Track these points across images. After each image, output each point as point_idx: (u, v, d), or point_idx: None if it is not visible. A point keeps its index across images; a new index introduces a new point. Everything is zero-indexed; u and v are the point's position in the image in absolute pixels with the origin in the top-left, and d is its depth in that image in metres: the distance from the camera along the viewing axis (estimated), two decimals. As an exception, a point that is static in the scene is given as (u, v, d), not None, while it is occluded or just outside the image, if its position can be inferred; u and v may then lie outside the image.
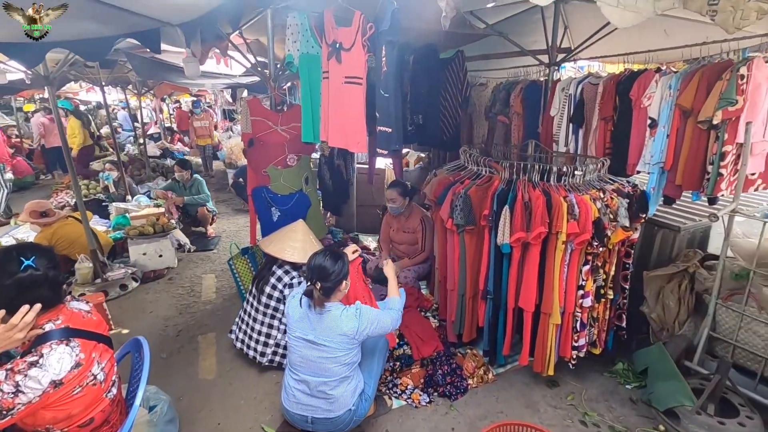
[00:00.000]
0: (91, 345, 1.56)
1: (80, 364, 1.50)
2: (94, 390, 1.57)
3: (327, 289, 2.05)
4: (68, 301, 1.67)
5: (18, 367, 1.40)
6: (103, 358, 1.61)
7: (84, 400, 1.54)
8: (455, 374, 2.75)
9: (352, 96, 2.32)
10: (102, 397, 1.61)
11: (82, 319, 1.61)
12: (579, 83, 3.30)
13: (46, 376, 1.41)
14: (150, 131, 11.65)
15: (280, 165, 3.40)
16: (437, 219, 3.04)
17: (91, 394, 1.56)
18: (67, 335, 1.50)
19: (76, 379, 1.49)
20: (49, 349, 1.45)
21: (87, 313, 1.68)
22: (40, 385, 1.40)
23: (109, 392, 1.65)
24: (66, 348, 1.48)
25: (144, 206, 5.47)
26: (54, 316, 1.54)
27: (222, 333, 3.32)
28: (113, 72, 6.09)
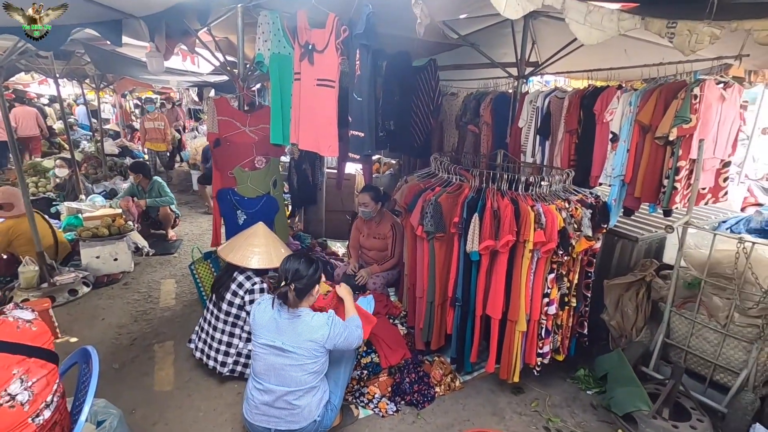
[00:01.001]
0: (13, 360, 1.39)
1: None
2: (12, 413, 1.37)
3: (300, 291, 2.01)
4: (9, 309, 1.52)
5: None
6: (32, 375, 1.44)
7: None
8: (422, 382, 2.73)
9: (324, 99, 2.28)
10: (26, 422, 1.41)
11: (14, 330, 1.45)
12: (546, 96, 3.41)
13: None
14: (107, 127, 11.10)
15: (247, 167, 3.30)
16: (407, 226, 3.04)
17: (7, 418, 1.36)
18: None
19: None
20: None
21: (26, 322, 1.52)
22: None
23: (37, 417, 1.44)
24: None
25: (99, 206, 5.17)
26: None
27: (181, 342, 3.16)
28: (69, 64, 5.75)
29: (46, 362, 1.51)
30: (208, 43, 3.60)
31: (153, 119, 8.09)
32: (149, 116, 8.15)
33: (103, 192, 6.31)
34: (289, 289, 1.99)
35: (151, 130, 8.04)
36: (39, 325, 1.56)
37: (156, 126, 8.02)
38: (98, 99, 8.37)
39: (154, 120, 8.09)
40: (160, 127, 8.05)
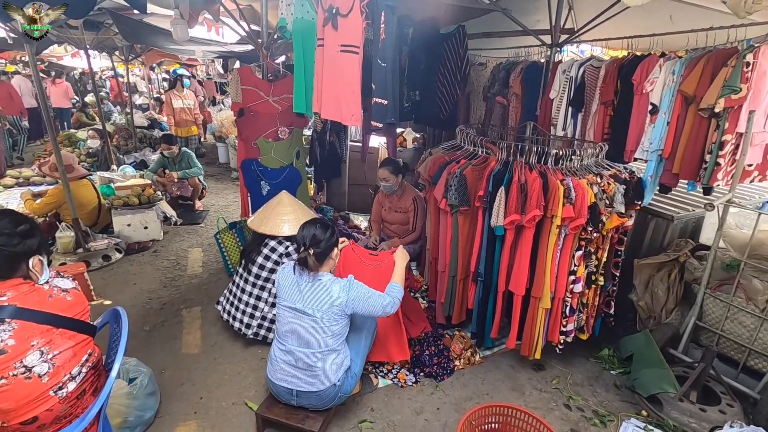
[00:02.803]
0: (36, 330, 1.38)
1: (4, 351, 1.31)
2: (28, 385, 1.36)
3: (319, 255, 2.03)
4: (51, 276, 1.52)
5: None
6: (55, 347, 1.42)
7: (13, 396, 1.34)
8: (442, 355, 2.74)
9: (348, 65, 2.21)
10: (46, 395, 1.41)
11: (46, 299, 1.43)
12: (581, 65, 3.22)
13: None
14: (138, 102, 11.32)
15: (270, 137, 3.29)
16: (431, 199, 2.98)
17: (22, 390, 1.36)
18: (6, 315, 1.33)
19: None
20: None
21: (62, 291, 1.50)
22: None
23: (60, 389, 1.44)
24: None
25: (129, 176, 5.32)
26: (0, 291, 1.37)
27: (207, 307, 3.26)
28: (98, 35, 5.82)
29: (76, 333, 1.49)
30: (233, 11, 3.55)
31: (181, 96, 7.06)
32: (176, 92, 7.09)
33: (133, 162, 6.48)
34: (308, 254, 2.01)
35: (180, 111, 6.97)
36: (75, 296, 1.54)
37: (185, 105, 6.98)
38: (127, 71, 8.50)
39: (183, 97, 7.04)
40: (190, 106, 7.04)
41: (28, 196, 4.30)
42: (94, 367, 1.60)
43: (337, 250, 2.12)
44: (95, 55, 8.39)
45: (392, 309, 2.16)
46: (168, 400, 2.37)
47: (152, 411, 2.22)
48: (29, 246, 1.43)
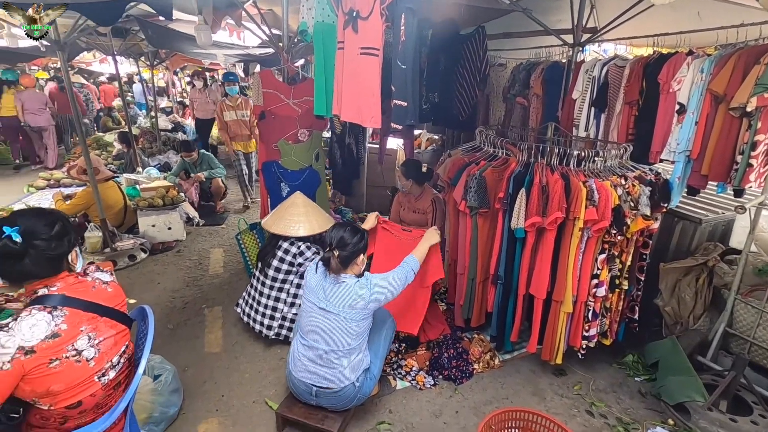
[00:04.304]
0: (84, 317, 1.45)
1: (58, 335, 1.37)
2: (78, 368, 1.43)
3: (344, 258, 2.03)
4: (91, 270, 1.59)
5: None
6: (100, 334, 1.49)
7: (64, 378, 1.40)
8: (461, 358, 2.72)
9: (368, 67, 2.22)
10: (92, 379, 1.47)
11: (89, 290, 1.51)
12: (604, 65, 3.16)
13: (11, 340, 1.30)
14: (162, 105, 11.61)
15: (291, 140, 3.33)
16: (450, 201, 2.97)
17: (73, 373, 1.42)
18: (56, 303, 1.40)
19: (50, 351, 1.36)
20: (27, 314, 1.35)
21: (103, 283, 1.57)
22: (5, 349, 1.29)
23: (103, 376, 1.50)
24: (46, 316, 1.37)
25: (154, 178, 5.46)
26: (51, 283, 1.44)
27: (228, 307, 3.32)
28: (126, 41, 6.01)
29: (117, 323, 1.56)
30: (254, 15, 3.61)
31: (234, 107, 5.41)
32: (228, 102, 5.44)
33: (157, 165, 6.65)
34: (332, 255, 2.01)
35: (234, 123, 5.42)
36: (114, 288, 1.62)
37: (240, 117, 5.43)
38: (152, 76, 8.73)
39: (236, 108, 5.40)
40: (245, 118, 5.46)
41: (59, 197, 4.47)
42: (129, 360, 1.65)
43: (363, 256, 2.12)
44: (122, 60, 8.65)
45: (408, 278, 2.22)
46: (191, 398, 2.42)
47: (176, 407, 2.27)
48: (66, 245, 1.49)
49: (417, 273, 2.33)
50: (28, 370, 1.32)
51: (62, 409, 1.44)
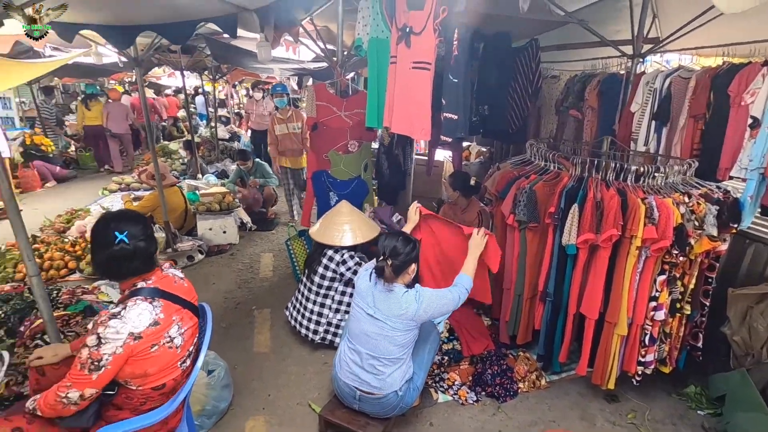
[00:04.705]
0: (174, 308, 1.63)
1: (158, 323, 1.56)
2: (170, 353, 1.62)
3: (397, 267, 2.06)
4: (166, 267, 1.76)
5: (100, 318, 1.51)
6: (184, 324, 1.67)
7: (159, 361, 1.59)
8: (505, 376, 2.65)
9: (420, 81, 2.27)
10: (176, 366, 1.66)
11: (173, 284, 1.69)
12: (667, 76, 3.01)
13: (124, 327, 1.49)
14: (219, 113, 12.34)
15: (341, 150, 3.44)
16: (497, 214, 2.93)
17: (166, 357, 1.61)
18: (153, 294, 1.59)
19: (153, 336, 1.55)
20: (133, 303, 1.54)
21: (180, 279, 1.76)
22: (119, 335, 1.48)
23: (183, 362, 1.69)
24: (148, 306, 1.56)
25: (212, 185, 5.81)
26: (147, 277, 1.64)
27: (277, 310, 3.45)
28: (192, 57, 6.48)
29: (193, 315, 1.73)
30: (310, 32, 3.79)
31: (285, 119, 5.15)
32: (280, 115, 5.18)
33: (215, 172, 7.06)
34: (386, 264, 2.05)
35: (285, 137, 5.14)
36: (188, 283, 1.80)
37: (290, 130, 5.15)
38: (214, 89, 9.32)
39: (286, 121, 5.14)
40: (297, 131, 5.19)
41: (128, 199, 4.87)
42: (197, 351, 1.79)
43: (415, 265, 2.14)
44: (188, 75, 9.30)
45: (462, 298, 2.15)
46: (240, 395, 2.54)
47: (226, 403, 2.39)
48: (155, 243, 1.68)
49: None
50: (135, 353, 1.52)
51: (148, 390, 1.61)
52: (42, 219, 5.12)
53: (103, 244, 1.55)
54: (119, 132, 8.15)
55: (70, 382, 1.47)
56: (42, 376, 1.77)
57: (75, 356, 1.72)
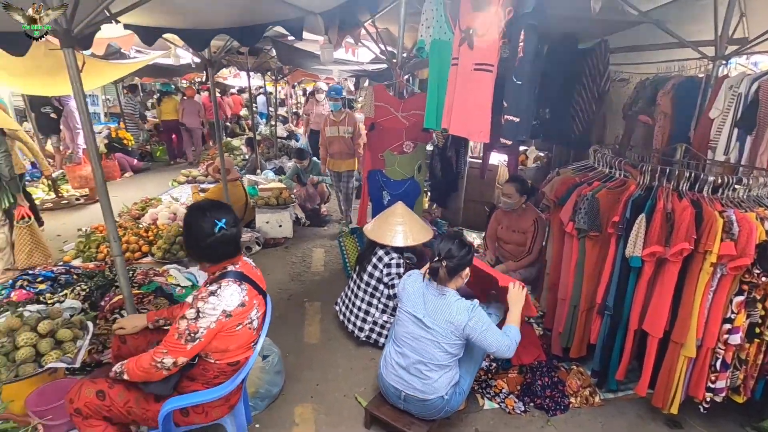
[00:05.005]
0: (254, 292, 1.77)
1: (244, 305, 1.71)
2: (248, 334, 1.76)
3: (451, 269, 2.07)
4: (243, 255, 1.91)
5: (201, 294, 1.66)
6: (260, 308, 1.81)
7: (239, 339, 1.73)
8: (556, 389, 2.56)
9: (481, 83, 2.25)
10: (250, 346, 1.80)
11: (252, 270, 1.84)
12: (755, 80, 2.76)
13: (219, 305, 1.64)
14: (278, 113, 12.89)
15: (396, 151, 3.48)
16: (555, 221, 2.84)
17: (245, 336, 1.75)
18: (240, 278, 1.73)
19: (239, 317, 1.69)
20: (226, 284, 1.68)
21: (254, 267, 1.91)
22: (215, 311, 1.63)
23: (255, 344, 1.83)
24: (237, 288, 1.70)
25: (270, 180, 6.09)
26: (235, 262, 1.78)
27: (326, 303, 3.55)
28: (258, 59, 6.83)
29: (263, 302, 1.86)
30: (372, 33, 3.87)
31: (338, 122, 4.98)
32: (333, 117, 5.05)
33: (273, 168, 7.39)
34: (441, 265, 2.06)
35: (335, 140, 5.02)
36: (260, 272, 1.94)
37: (341, 133, 4.96)
38: (275, 89, 9.76)
39: (338, 124, 4.97)
40: (346, 135, 4.96)
41: (196, 191, 5.23)
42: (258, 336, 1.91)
43: (468, 270, 2.15)
44: (252, 75, 9.80)
45: (508, 352, 2.04)
46: (290, 382, 2.64)
47: (278, 388, 2.50)
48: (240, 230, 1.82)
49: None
50: (223, 329, 1.67)
51: (224, 364, 1.75)
52: (120, 206, 5.62)
53: (205, 232, 1.67)
54: (192, 126, 8.93)
55: (166, 349, 1.62)
56: (123, 344, 1.97)
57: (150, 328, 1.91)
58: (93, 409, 1.66)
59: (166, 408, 1.68)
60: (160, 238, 4.37)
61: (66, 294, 3.14)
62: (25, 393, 2.13)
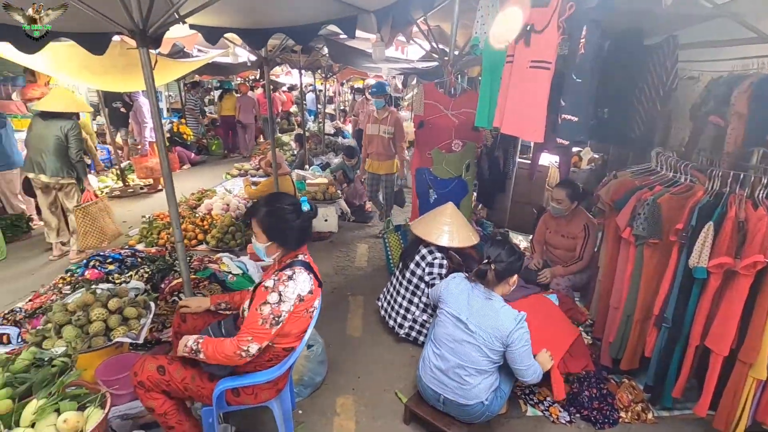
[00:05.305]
0: (316, 282, 1.86)
1: (312, 292, 1.80)
2: (307, 321, 1.84)
3: (499, 273, 2.06)
4: None
5: (281, 279, 1.75)
6: (318, 299, 1.89)
7: (301, 325, 1.82)
8: (605, 401, 2.45)
9: (537, 81, 2.18)
10: (304, 334, 1.88)
11: (312, 261, 1.93)
12: None
13: (296, 289, 1.74)
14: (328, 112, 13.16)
15: (444, 149, 3.46)
16: (610, 226, 2.71)
17: (305, 324, 1.84)
18: (308, 267, 1.83)
19: (308, 303, 1.79)
20: (300, 271, 1.78)
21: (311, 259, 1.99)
22: (293, 295, 1.73)
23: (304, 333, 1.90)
24: (307, 276, 1.80)
25: (317, 176, 6.24)
26: (303, 251, 1.89)
27: (369, 298, 3.60)
28: (310, 57, 7.00)
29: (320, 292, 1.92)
30: (424, 31, 3.86)
31: (380, 120, 4.75)
32: (377, 115, 4.82)
33: (320, 164, 7.56)
34: (489, 268, 2.05)
35: (374, 139, 4.79)
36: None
37: (381, 132, 4.72)
38: (325, 87, 9.97)
39: (380, 122, 4.73)
40: (386, 135, 4.72)
41: (248, 183, 5.45)
42: None
43: (516, 277, 2.13)
44: (304, 73, 10.08)
45: (534, 377, 2.06)
46: (332, 372, 2.71)
47: (321, 377, 2.57)
48: None
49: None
50: (295, 313, 1.76)
51: (280, 349, 1.83)
52: (179, 196, 5.98)
53: (293, 214, 1.79)
54: (247, 122, 9.43)
55: (251, 336, 1.69)
56: (183, 322, 2.11)
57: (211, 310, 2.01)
58: (154, 383, 1.79)
59: (219, 387, 1.78)
60: (214, 228, 4.61)
61: (131, 275, 3.40)
62: (95, 363, 2.34)
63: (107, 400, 2.04)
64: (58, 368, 2.33)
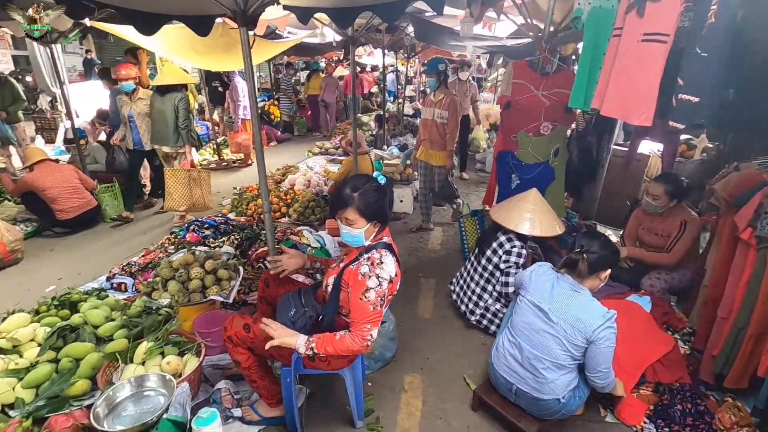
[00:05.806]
0: (397, 265, 1.88)
1: (397, 275, 1.84)
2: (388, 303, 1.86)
3: (592, 264, 1.93)
4: None
5: (375, 263, 1.80)
6: None
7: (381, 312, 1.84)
8: (702, 419, 2.19)
9: (650, 56, 1.94)
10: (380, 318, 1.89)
11: (394, 244, 1.95)
12: None
13: (388, 270, 1.79)
14: (407, 93, 13.08)
15: (531, 132, 3.26)
16: (726, 224, 2.37)
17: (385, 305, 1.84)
18: (391, 250, 1.86)
19: (395, 286, 1.84)
20: (386, 253, 1.82)
21: None
22: (388, 276, 1.78)
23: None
24: (393, 258, 1.84)
25: (394, 156, 6.27)
26: (387, 234, 1.92)
27: (441, 281, 3.57)
28: (394, 36, 6.96)
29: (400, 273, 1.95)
30: (517, 4, 3.62)
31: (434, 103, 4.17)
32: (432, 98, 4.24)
33: (398, 145, 7.58)
34: (582, 258, 1.93)
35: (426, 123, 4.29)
36: None
37: (434, 116, 4.17)
38: (406, 67, 9.89)
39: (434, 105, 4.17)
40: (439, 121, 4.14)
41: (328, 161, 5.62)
42: None
43: (609, 272, 1.99)
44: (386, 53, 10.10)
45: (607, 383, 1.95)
46: (402, 350, 2.75)
47: (391, 353, 2.62)
48: None
49: None
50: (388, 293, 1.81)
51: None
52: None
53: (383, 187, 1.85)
54: (329, 101, 9.78)
55: (368, 324, 1.75)
56: (266, 287, 2.26)
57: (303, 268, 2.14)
58: (240, 339, 1.94)
59: (297, 350, 1.88)
60: (296, 202, 4.87)
61: (224, 241, 3.72)
62: (192, 316, 2.62)
63: (202, 350, 2.27)
64: (163, 317, 2.64)
